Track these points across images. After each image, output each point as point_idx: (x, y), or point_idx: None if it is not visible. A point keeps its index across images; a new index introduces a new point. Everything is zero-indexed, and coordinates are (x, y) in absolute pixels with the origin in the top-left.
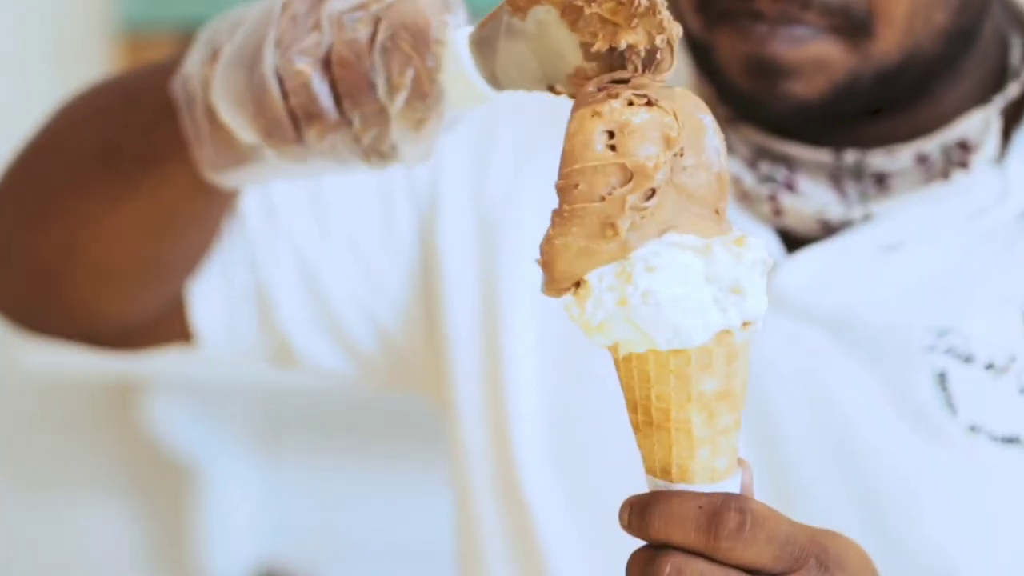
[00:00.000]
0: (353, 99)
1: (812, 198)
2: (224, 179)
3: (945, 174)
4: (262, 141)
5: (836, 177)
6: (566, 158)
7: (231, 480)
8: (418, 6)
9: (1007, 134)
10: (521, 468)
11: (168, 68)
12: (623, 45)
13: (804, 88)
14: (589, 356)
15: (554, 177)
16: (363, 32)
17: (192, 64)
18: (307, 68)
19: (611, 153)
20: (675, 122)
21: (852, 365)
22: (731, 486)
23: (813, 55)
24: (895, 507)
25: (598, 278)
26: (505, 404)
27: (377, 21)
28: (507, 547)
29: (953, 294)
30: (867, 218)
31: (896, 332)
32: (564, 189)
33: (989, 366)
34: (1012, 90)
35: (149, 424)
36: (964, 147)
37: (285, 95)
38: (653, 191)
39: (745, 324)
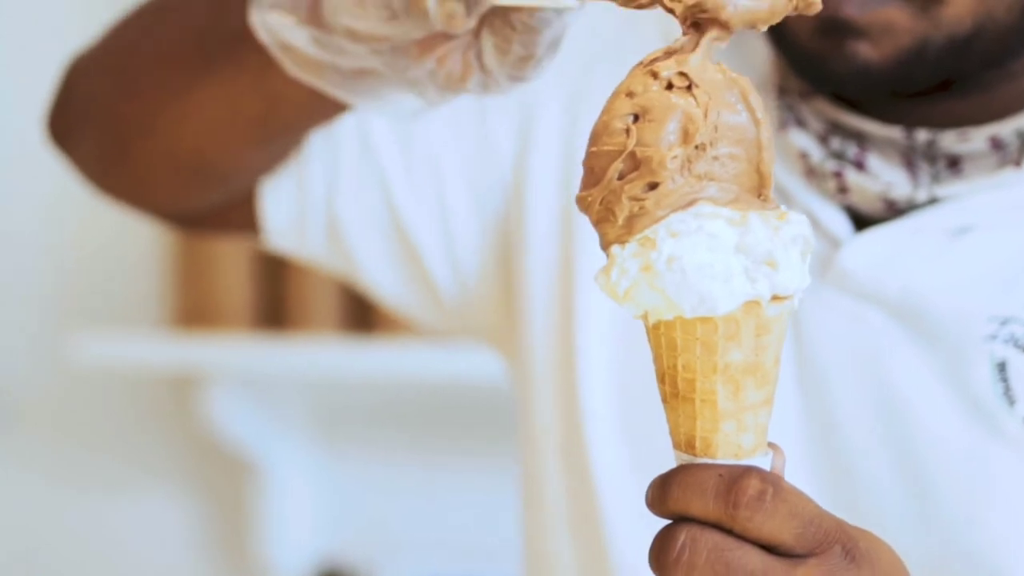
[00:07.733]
0: None
1: (879, 177)
2: (307, 77)
3: (1017, 161)
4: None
5: (909, 157)
6: (591, 136)
7: (291, 474)
8: None
9: None
10: (588, 436)
11: None
12: None
13: (869, 50)
14: None
15: None
16: None
17: None
18: None
19: (626, 139)
20: (702, 114)
21: (913, 349)
22: (758, 464)
23: (882, 18)
24: (950, 500)
25: (621, 246)
26: (576, 371)
27: None
28: (571, 511)
29: (1018, 282)
30: (932, 200)
31: (959, 319)
32: (585, 168)
33: None
34: None
35: (209, 418)
36: None
37: None
38: (655, 184)
39: (776, 298)
